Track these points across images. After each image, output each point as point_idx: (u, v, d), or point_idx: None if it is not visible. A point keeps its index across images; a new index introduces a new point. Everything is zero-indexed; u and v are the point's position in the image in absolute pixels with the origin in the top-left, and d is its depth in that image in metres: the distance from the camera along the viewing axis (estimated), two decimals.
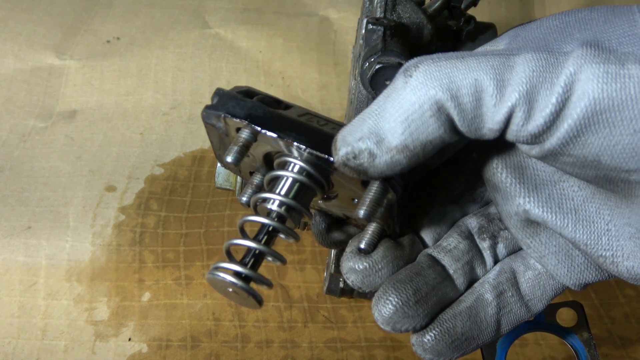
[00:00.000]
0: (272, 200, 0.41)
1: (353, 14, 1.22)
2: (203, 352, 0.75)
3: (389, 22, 0.66)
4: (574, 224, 0.39)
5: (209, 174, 0.94)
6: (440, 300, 0.42)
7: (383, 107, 0.36)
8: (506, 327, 0.43)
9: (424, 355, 0.42)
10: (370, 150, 0.36)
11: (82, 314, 0.78)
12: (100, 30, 1.18)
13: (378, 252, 0.42)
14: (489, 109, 0.34)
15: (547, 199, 0.39)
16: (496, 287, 0.43)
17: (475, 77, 0.34)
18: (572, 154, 0.34)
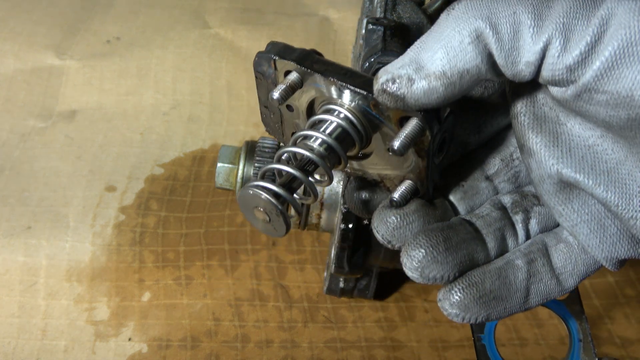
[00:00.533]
0: (314, 138, 0.42)
1: (353, 14, 1.22)
2: (203, 352, 0.75)
3: (389, 22, 0.66)
4: (606, 185, 0.39)
5: (209, 174, 0.94)
6: (469, 256, 0.42)
7: (425, 41, 0.38)
8: (535, 298, 0.43)
9: (450, 310, 0.42)
10: (409, 75, 0.37)
11: (82, 314, 0.78)
12: (100, 30, 1.18)
13: (410, 206, 0.43)
14: (526, 42, 0.36)
15: (580, 161, 0.40)
16: (527, 254, 0.43)
17: (514, 11, 0.36)
18: (606, 90, 0.35)
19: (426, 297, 0.82)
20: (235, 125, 1.03)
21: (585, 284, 0.84)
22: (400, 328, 0.79)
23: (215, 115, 1.04)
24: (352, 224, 0.64)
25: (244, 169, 0.71)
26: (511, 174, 0.46)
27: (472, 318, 0.42)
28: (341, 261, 0.67)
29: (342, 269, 0.68)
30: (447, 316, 0.42)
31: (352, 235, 0.65)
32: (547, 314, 0.81)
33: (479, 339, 0.48)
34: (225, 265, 0.84)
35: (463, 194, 0.46)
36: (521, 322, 0.80)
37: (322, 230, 0.73)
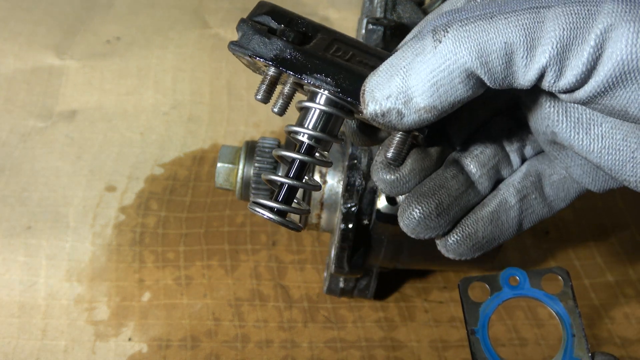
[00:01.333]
0: (301, 134, 0.43)
1: (353, 14, 1.22)
2: (203, 352, 0.75)
3: (389, 22, 0.66)
4: (600, 150, 0.40)
5: (209, 174, 0.94)
6: (463, 208, 0.44)
7: (411, 66, 0.37)
8: (527, 225, 0.46)
9: (446, 254, 0.45)
10: (399, 110, 0.38)
11: (82, 314, 0.78)
12: (100, 30, 1.18)
13: (406, 165, 0.44)
14: (519, 69, 0.36)
15: (575, 123, 0.40)
16: (520, 190, 0.45)
17: (505, 40, 0.35)
18: (601, 103, 0.36)
19: (426, 297, 0.82)
20: (235, 125, 1.03)
21: (585, 284, 0.84)
22: (400, 328, 0.79)
23: (215, 115, 1.04)
24: (352, 224, 0.64)
25: (244, 169, 0.71)
26: (510, 115, 0.47)
27: (468, 256, 0.45)
28: (341, 261, 0.67)
29: (342, 269, 0.68)
30: (445, 255, 0.45)
31: (352, 235, 0.65)
32: (547, 314, 0.81)
33: (472, 332, 0.48)
34: (225, 265, 0.84)
35: (460, 123, 0.46)
36: (521, 322, 0.80)
37: (322, 230, 0.73)
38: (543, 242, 0.89)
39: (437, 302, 0.82)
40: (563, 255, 0.87)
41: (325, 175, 0.69)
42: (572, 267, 0.86)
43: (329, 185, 0.69)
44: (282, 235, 0.87)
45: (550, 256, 0.87)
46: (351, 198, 0.64)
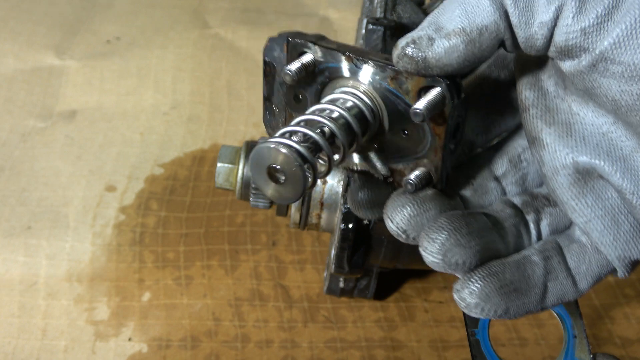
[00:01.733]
0: (329, 110, 0.40)
1: (353, 14, 1.22)
2: (203, 352, 0.75)
3: (389, 22, 0.66)
4: (622, 172, 0.39)
5: (209, 174, 0.94)
6: (489, 245, 0.41)
7: (442, 6, 0.38)
8: (552, 297, 0.42)
9: (469, 300, 0.40)
10: (429, 35, 0.37)
11: (82, 314, 0.78)
12: (100, 30, 1.18)
13: (427, 192, 0.42)
14: (540, 0, 0.36)
15: (595, 148, 0.39)
16: (542, 252, 0.42)
17: None
18: (622, 61, 0.34)
19: (426, 297, 0.82)
20: (235, 125, 1.03)
21: None
22: (400, 328, 0.79)
23: (215, 115, 1.04)
24: (352, 224, 0.64)
25: (244, 169, 0.71)
26: (519, 175, 0.45)
27: (491, 310, 0.40)
28: (341, 261, 0.67)
29: (342, 269, 0.68)
30: (465, 308, 0.40)
31: (352, 235, 0.65)
32: (547, 314, 0.81)
33: (472, 334, 0.47)
34: (225, 265, 0.84)
35: (473, 191, 0.45)
36: (521, 322, 0.80)
37: (322, 230, 0.73)
38: None
39: (437, 302, 0.82)
40: None
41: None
42: None
43: (329, 185, 0.69)
44: (282, 235, 0.87)
45: None
46: None
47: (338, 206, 0.69)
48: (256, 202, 0.71)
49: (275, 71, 0.44)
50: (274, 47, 0.43)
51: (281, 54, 0.43)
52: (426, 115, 0.38)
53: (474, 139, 0.46)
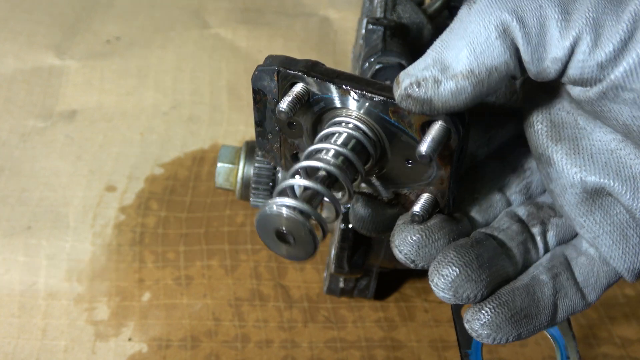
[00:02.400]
0: (326, 150, 0.39)
1: (353, 14, 1.22)
2: (203, 352, 0.75)
3: (389, 22, 0.66)
4: (633, 191, 0.38)
5: (209, 174, 0.94)
6: (499, 272, 0.41)
7: (447, 39, 0.36)
8: (562, 313, 0.42)
9: (480, 331, 0.40)
10: (435, 76, 0.35)
11: (82, 314, 0.78)
12: (100, 30, 1.18)
13: (433, 222, 0.41)
14: (553, 36, 0.34)
15: (604, 166, 0.38)
16: (550, 269, 0.42)
17: (540, 4, 0.34)
18: (634, 88, 0.34)
19: (426, 297, 0.82)
20: (235, 125, 1.03)
21: None
22: (400, 328, 0.79)
23: (215, 115, 1.04)
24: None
25: (244, 169, 0.71)
26: (523, 185, 0.45)
27: (503, 338, 0.40)
28: (341, 261, 0.67)
29: (342, 269, 0.68)
30: (477, 338, 0.41)
31: (352, 235, 0.65)
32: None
33: (466, 355, 0.47)
34: (225, 265, 0.84)
35: (478, 207, 0.44)
36: None
37: None
38: None
39: (437, 302, 0.82)
40: None
41: None
42: None
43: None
44: None
45: None
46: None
47: None
48: (256, 202, 0.72)
49: (266, 99, 0.42)
50: (263, 77, 0.41)
51: (271, 82, 0.40)
52: (433, 156, 0.36)
53: (475, 150, 0.45)
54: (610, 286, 0.42)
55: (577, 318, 0.80)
